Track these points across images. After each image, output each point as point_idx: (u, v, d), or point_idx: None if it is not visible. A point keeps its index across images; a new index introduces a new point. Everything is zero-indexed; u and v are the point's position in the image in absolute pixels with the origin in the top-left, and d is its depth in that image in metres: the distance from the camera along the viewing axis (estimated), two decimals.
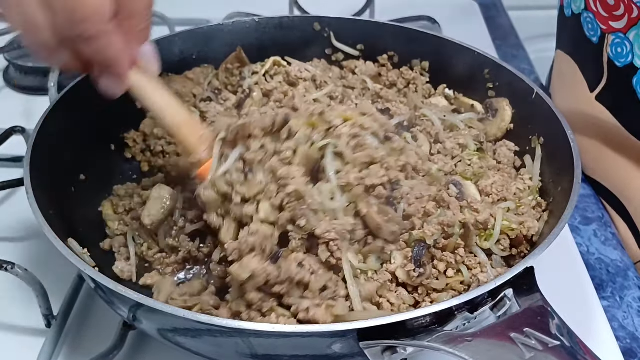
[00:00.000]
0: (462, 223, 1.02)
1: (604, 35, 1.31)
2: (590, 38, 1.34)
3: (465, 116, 1.31)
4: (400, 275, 1.00)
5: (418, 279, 0.98)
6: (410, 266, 0.98)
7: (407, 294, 1.00)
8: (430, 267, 1.00)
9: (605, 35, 1.30)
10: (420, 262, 0.99)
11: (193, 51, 1.44)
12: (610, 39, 1.28)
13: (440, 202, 1.07)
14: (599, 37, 1.32)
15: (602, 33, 1.31)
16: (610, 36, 1.28)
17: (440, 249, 1.02)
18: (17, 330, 1.14)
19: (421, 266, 0.99)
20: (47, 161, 1.12)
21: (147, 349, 1.11)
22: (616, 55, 1.28)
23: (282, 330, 0.83)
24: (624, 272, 1.29)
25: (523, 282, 0.89)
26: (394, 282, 1.01)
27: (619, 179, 1.42)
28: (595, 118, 1.39)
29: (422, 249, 1.00)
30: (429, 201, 1.06)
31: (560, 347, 0.78)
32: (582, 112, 1.43)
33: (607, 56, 1.31)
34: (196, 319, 0.83)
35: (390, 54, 1.48)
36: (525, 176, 1.19)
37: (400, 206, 1.06)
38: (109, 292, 0.91)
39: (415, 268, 0.98)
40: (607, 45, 1.30)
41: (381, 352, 0.84)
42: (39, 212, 0.97)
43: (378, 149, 1.04)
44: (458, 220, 1.02)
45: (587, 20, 1.34)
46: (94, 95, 1.25)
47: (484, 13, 2.18)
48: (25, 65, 1.77)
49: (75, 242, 1.08)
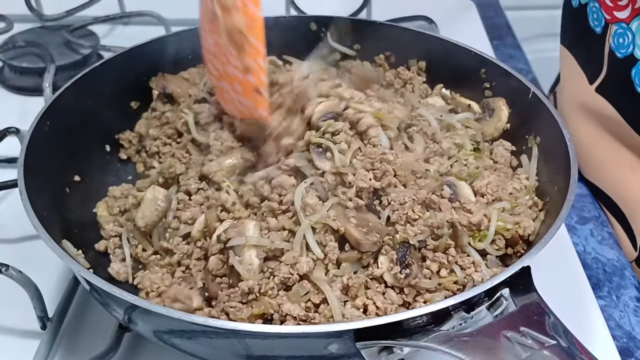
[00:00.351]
0: (450, 223, 1.02)
1: (607, 25, 1.31)
2: (594, 29, 1.35)
3: (461, 116, 1.31)
4: (388, 279, 1.00)
5: (405, 279, 0.98)
6: (397, 268, 0.98)
7: (396, 295, 1.00)
8: (417, 267, 1.00)
9: (608, 26, 1.31)
10: (406, 263, 0.98)
11: (189, 51, 1.43)
12: (613, 29, 1.29)
13: (431, 205, 1.07)
14: (603, 27, 1.32)
15: (606, 23, 1.31)
16: (614, 26, 1.29)
17: (431, 249, 1.02)
18: (11, 332, 1.13)
19: (407, 267, 0.98)
20: (42, 162, 1.12)
21: (142, 351, 1.10)
22: (617, 46, 1.28)
23: (279, 331, 0.83)
24: (621, 271, 1.29)
25: (519, 281, 0.89)
26: (382, 284, 1.01)
27: (615, 179, 1.42)
28: (595, 110, 1.40)
29: (406, 249, 1.00)
30: (415, 205, 1.06)
31: (556, 346, 0.78)
32: (581, 105, 1.43)
33: (608, 47, 1.32)
34: (191, 320, 0.82)
35: (386, 54, 1.47)
36: (521, 176, 1.19)
37: (385, 212, 1.07)
38: (103, 293, 0.90)
39: (401, 269, 0.98)
40: (610, 36, 1.30)
41: (377, 352, 0.84)
42: (32, 214, 0.97)
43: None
44: (446, 220, 1.02)
45: (592, 10, 1.35)
46: (88, 96, 1.26)
47: (481, 13, 2.17)
48: (20, 65, 1.77)
49: (69, 244, 1.08)
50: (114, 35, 2.03)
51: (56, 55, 1.75)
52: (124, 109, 1.35)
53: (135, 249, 1.16)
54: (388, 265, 1.00)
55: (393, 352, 0.83)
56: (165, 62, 1.41)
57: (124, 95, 1.36)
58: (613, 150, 1.40)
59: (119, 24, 2.09)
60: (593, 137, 1.43)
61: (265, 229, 1.05)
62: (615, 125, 1.35)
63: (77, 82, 1.24)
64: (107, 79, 1.31)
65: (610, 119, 1.35)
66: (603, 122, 1.39)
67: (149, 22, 1.97)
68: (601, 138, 1.41)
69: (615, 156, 1.40)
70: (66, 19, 1.97)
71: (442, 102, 1.38)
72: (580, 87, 1.43)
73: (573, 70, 1.47)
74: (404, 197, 1.06)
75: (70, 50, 1.83)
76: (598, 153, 1.44)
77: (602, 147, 1.42)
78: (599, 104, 1.38)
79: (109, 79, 1.32)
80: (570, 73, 1.49)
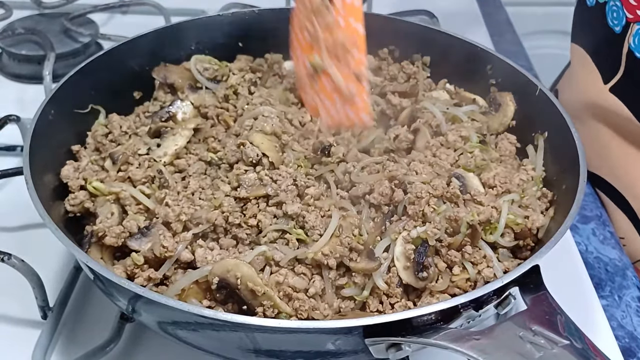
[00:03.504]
0: (470, 224, 1.01)
1: (628, 24, 1.31)
2: (612, 27, 1.34)
3: (467, 108, 1.30)
4: (404, 277, 0.99)
5: (422, 282, 0.98)
6: (413, 267, 0.98)
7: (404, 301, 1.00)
8: (434, 269, 0.99)
9: (629, 25, 1.30)
10: (423, 265, 0.98)
11: (192, 42, 1.43)
12: (635, 29, 1.29)
13: (452, 199, 1.07)
14: (623, 27, 1.32)
15: (627, 22, 1.31)
16: (635, 25, 1.29)
17: (446, 246, 1.02)
18: (13, 321, 1.13)
19: (424, 269, 0.98)
20: (46, 150, 1.11)
21: (144, 342, 1.10)
22: (637, 46, 1.28)
23: (288, 325, 0.83)
24: (623, 271, 1.29)
25: (529, 280, 0.88)
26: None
27: (626, 175, 1.41)
28: (608, 110, 1.39)
29: (425, 249, 0.99)
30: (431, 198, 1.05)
31: (569, 346, 0.77)
32: (592, 105, 1.42)
33: (627, 47, 1.31)
34: (200, 313, 0.82)
35: (391, 48, 1.46)
36: (527, 167, 1.19)
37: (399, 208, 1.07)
38: (108, 282, 0.90)
39: (418, 272, 0.97)
40: (630, 35, 1.30)
41: (386, 348, 0.84)
42: (39, 202, 0.95)
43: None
44: (466, 221, 1.01)
45: (612, 8, 1.34)
46: (91, 85, 1.25)
47: (481, 8, 2.17)
48: (19, 53, 1.75)
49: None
50: (113, 24, 2.02)
51: (55, 43, 1.73)
52: (126, 99, 1.34)
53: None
54: (404, 264, 0.99)
55: (401, 348, 0.83)
56: (167, 52, 1.40)
57: (127, 85, 1.35)
58: (623, 149, 1.39)
59: (117, 13, 2.08)
60: (608, 136, 1.43)
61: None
62: (627, 126, 1.35)
63: (81, 71, 1.23)
64: (110, 68, 1.30)
65: (623, 119, 1.35)
66: (615, 122, 1.39)
67: (148, 11, 1.96)
68: (611, 138, 1.41)
69: (626, 155, 1.39)
70: (65, 7, 1.97)
71: (447, 96, 1.37)
72: (592, 86, 1.43)
73: (586, 69, 1.46)
74: (422, 191, 1.05)
75: (69, 39, 1.82)
76: (612, 151, 1.44)
77: (615, 146, 1.42)
78: (611, 104, 1.37)
79: (111, 68, 1.30)
80: (583, 71, 1.48)
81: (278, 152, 1.14)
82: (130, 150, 1.17)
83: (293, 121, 1.24)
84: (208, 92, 1.35)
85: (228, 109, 1.29)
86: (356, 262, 0.99)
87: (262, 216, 1.04)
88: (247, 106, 1.27)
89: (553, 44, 2.35)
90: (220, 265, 0.94)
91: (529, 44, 2.08)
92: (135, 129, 1.25)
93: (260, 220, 1.03)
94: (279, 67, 1.42)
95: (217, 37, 1.45)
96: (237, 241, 1.04)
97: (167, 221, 1.04)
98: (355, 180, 1.10)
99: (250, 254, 0.98)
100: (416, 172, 1.10)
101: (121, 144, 1.20)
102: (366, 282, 0.99)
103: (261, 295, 0.92)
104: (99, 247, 1.05)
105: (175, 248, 1.00)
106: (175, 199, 1.07)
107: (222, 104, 1.31)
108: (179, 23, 1.43)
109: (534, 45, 2.18)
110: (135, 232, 1.03)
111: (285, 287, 0.96)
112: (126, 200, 1.09)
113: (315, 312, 0.96)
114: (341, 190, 1.11)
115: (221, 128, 1.25)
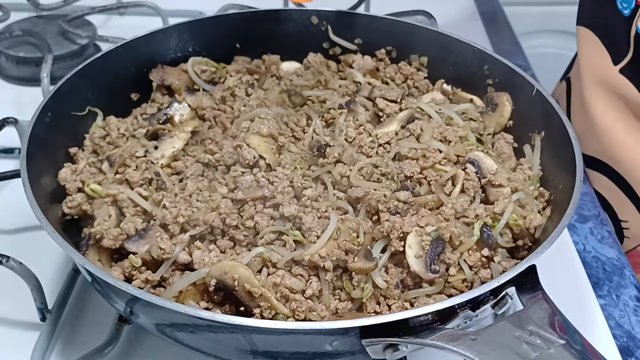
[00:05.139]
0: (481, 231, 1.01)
1: (637, 7, 1.31)
2: (622, 11, 1.34)
3: (461, 107, 1.30)
4: (413, 265, 0.98)
5: (431, 274, 0.97)
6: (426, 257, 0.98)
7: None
8: (444, 268, 0.99)
9: (638, 8, 1.31)
10: (435, 261, 0.98)
11: (189, 44, 1.43)
12: None
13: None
14: (632, 10, 1.32)
15: (636, 5, 1.31)
16: None
17: (454, 247, 1.02)
18: (11, 324, 1.13)
19: (437, 263, 0.98)
20: (43, 153, 1.11)
21: (142, 344, 1.10)
22: None
23: (286, 327, 0.83)
24: (620, 270, 1.29)
25: (525, 280, 0.88)
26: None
27: (630, 158, 1.41)
28: (616, 90, 1.39)
29: (442, 247, 0.99)
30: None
31: (566, 345, 0.77)
32: (602, 83, 1.43)
33: (635, 30, 1.31)
34: (197, 315, 0.82)
35: (388, 49, 1.46)
36: (524, 166, 1.19)
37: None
38: (105, 285, 0.90)
39: (430, 268, 0.97)
40: (639, 19, 1.30)
41: (383, 349, 0.84)
42: (36, 205, 0.96)
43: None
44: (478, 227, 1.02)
45: None
46: (89, 87, 1.25)
47: (479, 8, 2.17)
48: (16, 55, 1.75)
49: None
50: (111, 26, 2.02)
51: (53, 45, 1.73)
52: (124, 101, 1.34)
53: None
54: (417, 252, 0.99)
55: (398, 349, 0.83)
56: (165, 54, 1.40)
57: (124, 87, 1.35)
58: (632, 131, 1.39)
59: (115, 14, 2.07)
60: (613, 116, 1.43)
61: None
62: (633, 108, 1.35)
63: (78, 73, 1.23)
64: (107, 70, 1.30)
65: (633, 101, 1.35)
66: (625, 103, 1.39)
67: (145, 13, 1.97)
68: (623, 118, 1.41)
69: (630, 138, 1.39)
70: (63, 9, 1.96)
71: (441, 97, 1.37)
72: (602, 67, 1.43)
73: (596, 50, 1.46)
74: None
75: (67, 40, 1.82)
76: (618, 133, 1.43)
77: (621, 128, 1.42)
78: (621, 85, 1.37)
79: (109, 70, 1.31)
80: (592, 52, 1.47)
81: (275, 154, 1.15)
82: (127, 152, 1.18)
83: (289, 123, 1.24)
84: (205, 94, 1.35)
85: (225, 110, 1.29)
86: (354, 262, 0.99)
87: (259, 218, 1.04)
88: (243, 108, 1.27)
89: (551, 43, 2.35)
90: (217, 267, 0.94)
91: (527, 44, 2.09)
92: (133, 131, 1.25)
93: (258, 221, 1.03)
94: (276, 68, 1.42)
95: (215, 39, 1.45)
96: (234, 243, 1.04)
97: (165, 223, 1.04)
98: (354, 183, 1.10)
99: (247, 256, 0.98)
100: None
101: (119, 146, 1.21)
102: (366, 282, 0.99)
103: (258, 296, 0.92)
104: (97, 250, 1.06)
105: (173, 250, 1.00)
106: (172, 200, 1.07)
107: (219, 105, 1.31)
108: (177, 25, 1.43)
109: (532, 45, 2.18)
110: (133, 234, 1.04)
111: (282, 289, 0.96)
112: (123, 202, 1.09)
113: (313, 314, 0.96)
114: (337, 191, 1.11)
115: (218, 130, 1.25)
